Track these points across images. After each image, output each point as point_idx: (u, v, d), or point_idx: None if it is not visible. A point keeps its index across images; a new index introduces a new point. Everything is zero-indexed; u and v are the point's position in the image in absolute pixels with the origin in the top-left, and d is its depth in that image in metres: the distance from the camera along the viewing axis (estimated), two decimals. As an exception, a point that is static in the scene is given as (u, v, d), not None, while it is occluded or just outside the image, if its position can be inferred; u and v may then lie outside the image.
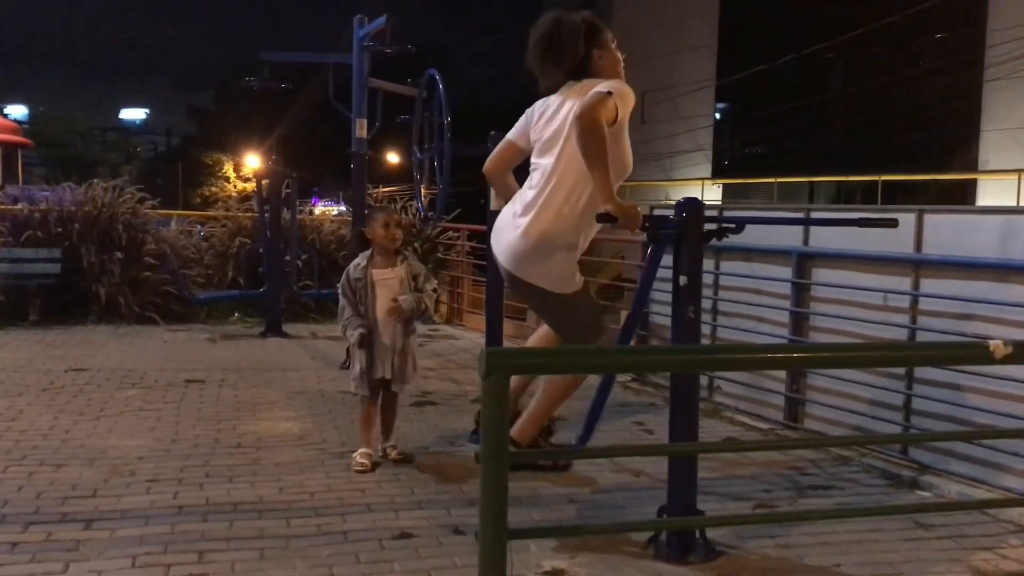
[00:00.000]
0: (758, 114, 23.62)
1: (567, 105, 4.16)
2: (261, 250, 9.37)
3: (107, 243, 9.62)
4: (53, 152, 43.09)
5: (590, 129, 3.70)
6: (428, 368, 7.18)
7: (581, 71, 4.24)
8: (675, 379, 3.53)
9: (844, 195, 21.34)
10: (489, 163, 4.61)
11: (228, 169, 39.21)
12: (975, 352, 2.16)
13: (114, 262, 9.49)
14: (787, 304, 5.67)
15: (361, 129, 7.44)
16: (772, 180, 20.30)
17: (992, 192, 16.63)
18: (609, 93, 3.83)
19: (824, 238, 5.46)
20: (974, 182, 17.30)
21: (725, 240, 3.88)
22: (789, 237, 5.65)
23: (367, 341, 4.59)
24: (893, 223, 3.58)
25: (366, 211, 4.67)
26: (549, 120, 4.25)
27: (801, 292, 5.62)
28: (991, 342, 2.00)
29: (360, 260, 4.73)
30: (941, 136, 18.44)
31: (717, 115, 25.73)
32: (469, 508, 4.03)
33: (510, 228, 4.26)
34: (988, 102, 16.99)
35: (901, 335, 4.99)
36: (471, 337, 9.28)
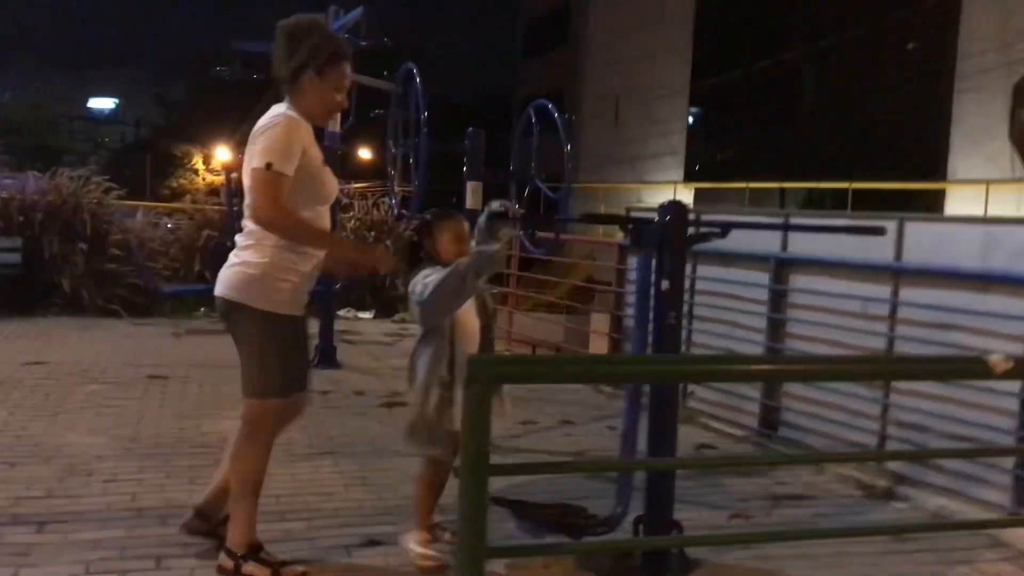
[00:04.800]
0: (731, 119, 23.70)
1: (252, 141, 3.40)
2: (228, 244, 9.16)
3: (71, 234, 9.40)
4: (18, 140, 42.29)
5: (273, 226, 3.22)
6: (400, 368, 7.04)
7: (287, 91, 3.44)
8: (655, 389, 3.44)
9: (815, 202, 21.43)
10: None
11: (197, 162, 38.67)
12: (974, 367, 2.08)
13: (77, 253, 9.27)
14: (764, 310, 5.61)
15: (334, 123, 7.28)
16: (743, 185, 20.31)
17: (960, 202, 16.74)
18: (268, 167, 3.16)
19: (802, 244, 5.40)
20: (943, 192, 17.43)
21: (703, 244, 3.81)
22: (767, 242, 5.58)
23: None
24: (881, 231, 3.52)
25: (426, 216, 3.69)
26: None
27: (778, 298, 5.57)
28: (991, 357, 1.92)
29: (431, 272, 3.41)
30: (911, 145, 18.56)
31: (690, 119, 25.75)
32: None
33: None
34: (958, 112, 17.10)
35: (879, 343, 4.94)
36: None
